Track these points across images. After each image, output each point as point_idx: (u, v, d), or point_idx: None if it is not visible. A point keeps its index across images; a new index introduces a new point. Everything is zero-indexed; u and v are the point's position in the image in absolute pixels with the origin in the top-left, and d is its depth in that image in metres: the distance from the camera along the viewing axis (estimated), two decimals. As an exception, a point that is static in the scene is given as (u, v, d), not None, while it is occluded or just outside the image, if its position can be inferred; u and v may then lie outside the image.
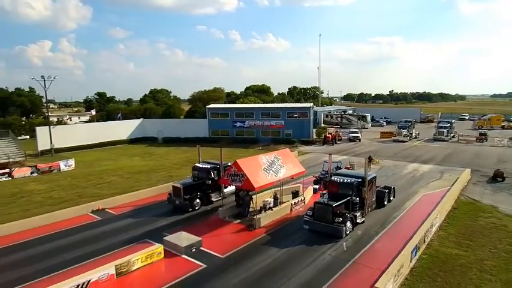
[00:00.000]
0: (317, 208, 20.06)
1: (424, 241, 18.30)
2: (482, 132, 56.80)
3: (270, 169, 22.60)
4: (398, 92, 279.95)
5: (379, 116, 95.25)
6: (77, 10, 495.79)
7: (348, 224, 19.47)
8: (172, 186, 25.08)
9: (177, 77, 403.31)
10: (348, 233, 19.40)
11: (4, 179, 34.48)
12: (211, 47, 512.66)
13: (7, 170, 35.25)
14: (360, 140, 58.12)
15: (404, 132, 57.96)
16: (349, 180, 21.18)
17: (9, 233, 20.64)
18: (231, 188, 25.56)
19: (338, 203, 19.75)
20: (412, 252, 16.37)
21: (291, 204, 23.67)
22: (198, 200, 24.63)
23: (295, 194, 24.97)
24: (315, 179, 29.98)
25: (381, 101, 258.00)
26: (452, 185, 27.92)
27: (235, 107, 65.99)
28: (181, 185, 24.51)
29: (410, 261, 16.24)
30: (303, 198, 24.83)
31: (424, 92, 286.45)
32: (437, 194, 26.22)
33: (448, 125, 59.18)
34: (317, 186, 27.97)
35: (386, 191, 24.79)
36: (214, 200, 25.57)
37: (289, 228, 20.96)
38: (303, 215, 21.24)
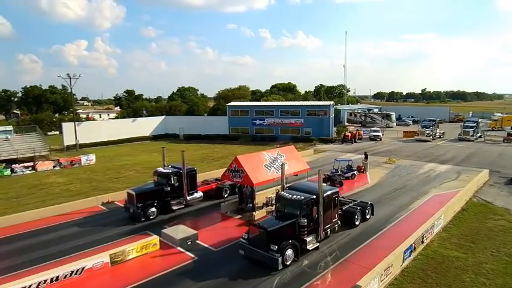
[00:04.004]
0: (251, 231, 16.60)
1: (423, 242, 17.91)
2: (511, 133, 54.29)
3: (272, 166, 22.73)
4: (431, 91, 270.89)
5: (406, 114, 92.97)
6: (111, 10, 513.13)
7: (289, 252, 15.79)
8: (127, 192, 22.86)
9: (206, 75, 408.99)
10: (288, 263, 15.72)
11: (28, 171, 36.48)
12: (241, 45, 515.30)
13: (31, 163, 37.20)
14: (380, 139, 57.04)
15: (427, 132, 56.24)
16: (297, 197, 17.28)
17: (23, 221, 21.92)
18: (197, 195, 24.63)
19: (276, 227, 16.19)
20: (405, 252, 16.09)
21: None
22: (153, 209, 22.17)
23: (300, 192, 24.89)
24: (323, 177, 29.77)
25: (412, 100, 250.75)
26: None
27: (255, 105, 66.28)
28: (134, 191, 22.29)
29: (403, 261, 15.98)
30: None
31: (459, 90, 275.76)
32: (449, 195, 25.39)
33: (474, 124, 56.92)
34: (324, 184, 27.74)
35: (359, 208, 21.03)
36: (175, 208, 23.37)
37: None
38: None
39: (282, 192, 18.46)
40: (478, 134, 56.10)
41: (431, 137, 55.76)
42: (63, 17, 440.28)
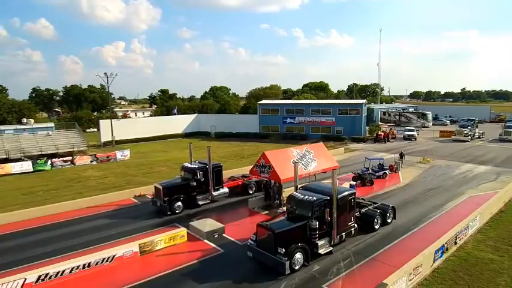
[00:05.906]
0: (259, 232, 15.77)
1: (456, 243, 17.24)
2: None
3: (300, 162, 22.56)
4: (471, 90, 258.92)
5: (444, 114, 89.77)
6: (147, 12, 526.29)
7: (298, 256, 14.96)
8: (154, 186, 23.35)
9: (239, 74, 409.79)
10: (296, 268, 14.91)
11: (67, 165, 38.32)
12: (273, 45, 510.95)
13: (70, 158, 39.05)
14: (415, 139, 55.28)
15: (465, 132, 53.91)
16: (308, 198, 16.36)
17: (60, 211, 23.07)
18: (223, 190, 24.77)
19: (284, 229, 15.36)
20: (436, 253, 15.54)
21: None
22: (179, 203, 22.45)
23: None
24: (353, 175, 29.36)
25: (450, 100, 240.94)
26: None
27: (285, 103, 66.16)
28: (161, 185, 22.60)
29: (434, 261, 15.45)
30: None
31: (501, 90, 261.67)
32: (486, 196, 24.30)
33: (517, 124, 54.02)
34: (354, 183, 27.32)
35: (379, 211, 19.75)
36: (201, 203, 23.62)
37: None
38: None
39: (294, 193, 17.51)
40: (522, 135, 53.13)
41: (469, 137, 53.42)
42: (102, 19, 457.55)
